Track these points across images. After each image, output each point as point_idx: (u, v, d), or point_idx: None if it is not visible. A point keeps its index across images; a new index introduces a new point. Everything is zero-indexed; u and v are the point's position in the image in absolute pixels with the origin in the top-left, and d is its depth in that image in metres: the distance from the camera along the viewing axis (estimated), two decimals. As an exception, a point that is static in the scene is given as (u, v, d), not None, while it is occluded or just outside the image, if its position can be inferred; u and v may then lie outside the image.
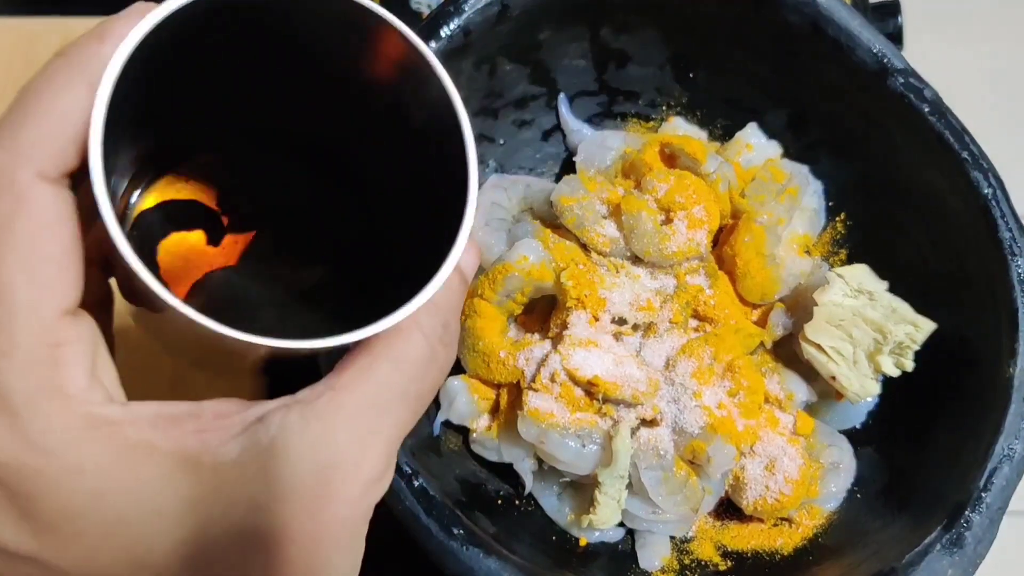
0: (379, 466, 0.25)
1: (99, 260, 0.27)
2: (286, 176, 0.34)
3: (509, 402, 0.48)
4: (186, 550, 0.24)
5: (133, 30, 0.24)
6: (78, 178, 0.25)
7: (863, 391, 0.48)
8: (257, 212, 0.33)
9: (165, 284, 0.24)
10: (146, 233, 0.32)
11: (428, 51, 0.27)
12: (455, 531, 0.41)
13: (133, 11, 0.25)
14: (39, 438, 0.23)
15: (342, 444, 0.24)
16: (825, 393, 0.50)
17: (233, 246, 0.33)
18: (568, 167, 0.56)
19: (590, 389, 0.46)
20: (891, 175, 0.52)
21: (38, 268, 0.23)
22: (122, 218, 0.31)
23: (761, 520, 0.49)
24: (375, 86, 0.29)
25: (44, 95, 0.24)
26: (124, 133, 0.26)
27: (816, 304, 0.48)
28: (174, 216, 0.32)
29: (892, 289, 0.49)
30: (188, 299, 0.25)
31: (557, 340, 0.48)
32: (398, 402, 0.25)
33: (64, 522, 0.24)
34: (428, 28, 0.48)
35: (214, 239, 0.33)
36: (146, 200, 0.32)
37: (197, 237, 0.32)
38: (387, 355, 0.26)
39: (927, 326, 0.47)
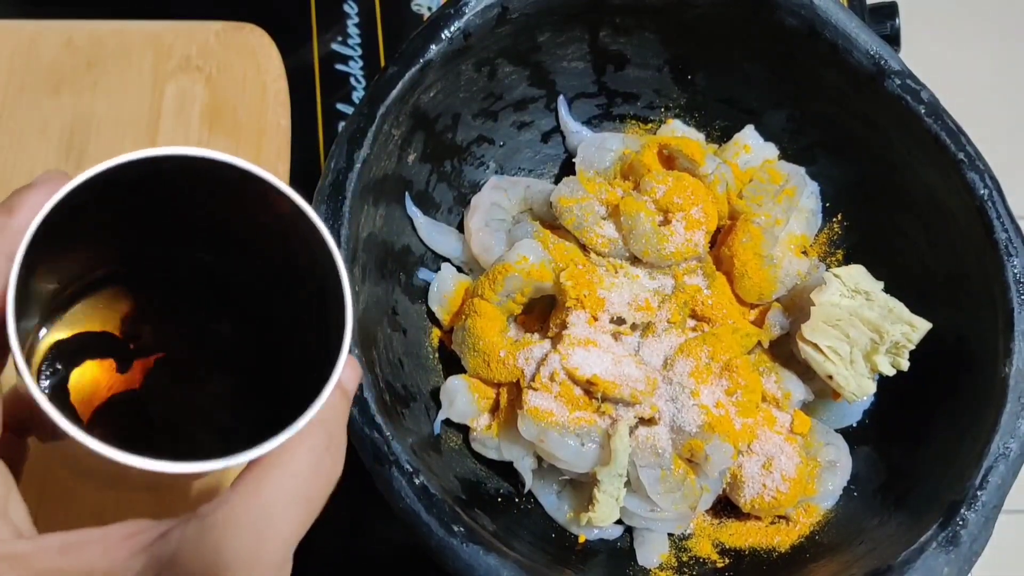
0: (272, 567, 0.27)
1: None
2: (186, 304, 0.37)
3: (509, 401, 0.49)
4: None
5: (36, 215, 0.27)
6: None
7: (860, 390, 0.48)
8: (161, 338, 0.36)
9: (75, 410, 0.26)
10: (58, 363, 0.34)
11: (305, 204, 0.30)
12: (455, 528, 0.41)
13: (40, 182, 0.28)
14: None
15: (235, 551, 0.27)
16: (822, 392, 0.51)
17: (140, 371, 0.36)
18: (567, 168, 0.56)
19: (589, 388, 0.47)
20: (888, 176, 0.53)
21: None
22: (31, 351, 0.33)
23: (759, 518, 0.50)
24: (263, 233, 0.32)
25: None
26: (36, 283, 0.29)
27: (813, 304, 0.48)
28: (85, 346, 0.35)
29: (888, 289, 0.49)
30: (95, 423, 0.27)
31: (556, 340, 0.48)
32: (288, 509, 0.28)
33: None
34: (428, 30, 0.48)
35: (123, 365, 0.35)
36: (57, 332, 0.34)
37: (107, 364, 0.35)
38: (277, 469, 0.28)
39: (923, 326, 0.48)
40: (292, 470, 0.28)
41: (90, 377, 0.34)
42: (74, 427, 0.26)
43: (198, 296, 0.36)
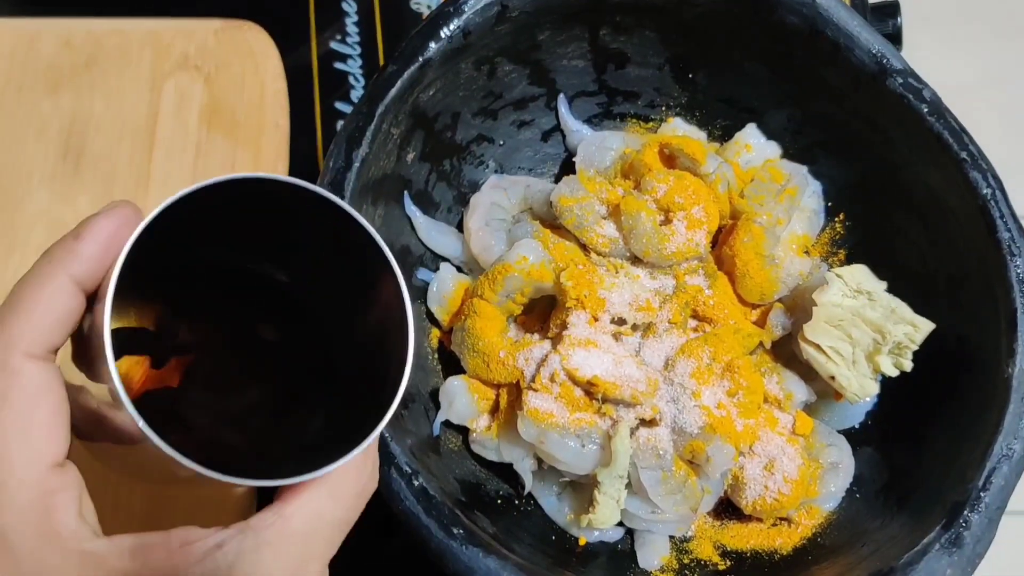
0: None
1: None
2: (229, 308, 0.37)
3: (509, 402, 0.48)
4: None
5: (129, 242, 0.28)
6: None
7: (862, 391, 0.48)
8: (200, 338, 0.37)
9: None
10: None
11: (388, 253, 0.31)
12: (455, 531, 0.41)
13: (107, 211, 0.30)
14: (38, 575, 0.27)
15: (288, 567, 0.29)
16: (824, 393, 0.51)
17: (178, 368, 0.36)
18: (568, 167, 0.56)
19: (589, 389, 0.46)
20: (890, 175, 0.52)
21: (31, 432, 0.28)
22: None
23: (760, 520, 0.49)
24: (332, 257, 0.33)
25: (30, 289, 0.29)
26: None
27: (815, 304, 0.48)
28: (122, 341, 0.35)
29: (891, 289, 0.49)
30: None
31: (557, 340, 0.48)
32: (331, 529, 0.30)
33: None
34: (428, 29, 0.48)
35: (157, 361, 0.36)
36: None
37: (142, 360, 0.36)
38: (326, 489, 0.30)
39: (926, 326, 0.47)
40: (341, 493, 0.31)
41: (123, 371, 0.35)
42: (161, 440, 0.27)
43: (242, 301, 0.36)
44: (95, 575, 0.28)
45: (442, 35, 0.48)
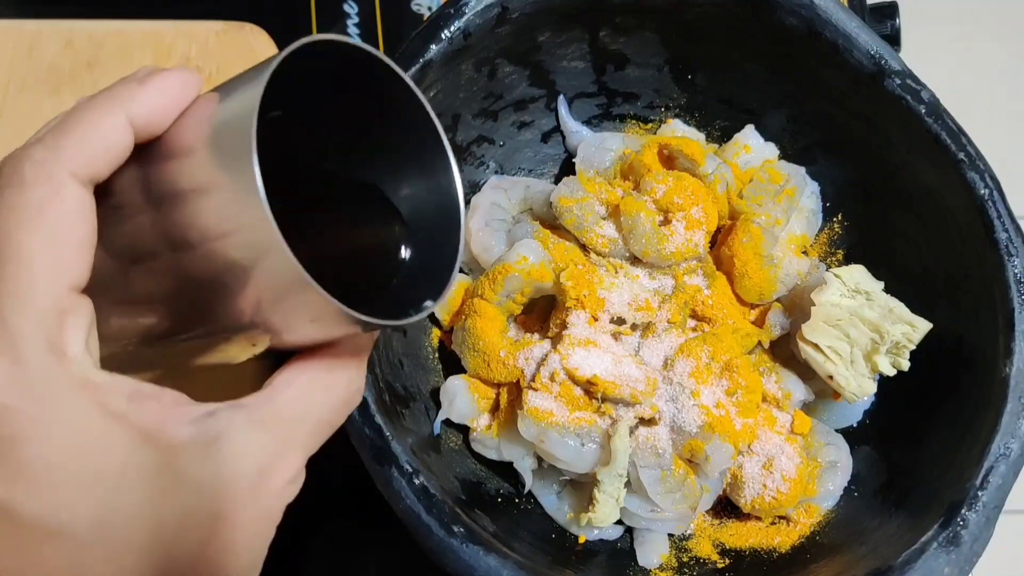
0: (295, 469, 0.30)
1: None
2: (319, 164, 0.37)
3: (509, 401, 0.49)
4: (141, 516, 0.28)
5: (261, 81, 0.28)
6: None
7: (860, 390, 0.48)
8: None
9: None
10: None
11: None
12: (455, 529, 0.41)
13: (177, 71, 0.31)
14: (38, 386, 0.27)
15: (275, 449, 0.29)
16: (822, 392, 0.51)
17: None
18: (567, 168, 0.56)
19: (589, 388, 0.47)
20: (888, 176, 0.53)
21: (60, 247, 0.28)
22: None
23: (759, 518, 0.50)
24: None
25: (89, 115, 0.29)
26: None
27: (813, 304, 0.48)
28: None
29: (889, 289, 0.49)
30: None
31: (556, 340, 0.48)
32: (317, 424, 0.31)
33: (43, 471, 0.27)
34: (428, 30, 0.48)
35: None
36: None
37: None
38: (321, 385, 0.31)
39: (923, 326, 0.48)
40: (335, 394, 0.31)
41: None
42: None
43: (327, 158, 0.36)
44: (91, 407, 0.27)
45: (443, 36, 0.48)
